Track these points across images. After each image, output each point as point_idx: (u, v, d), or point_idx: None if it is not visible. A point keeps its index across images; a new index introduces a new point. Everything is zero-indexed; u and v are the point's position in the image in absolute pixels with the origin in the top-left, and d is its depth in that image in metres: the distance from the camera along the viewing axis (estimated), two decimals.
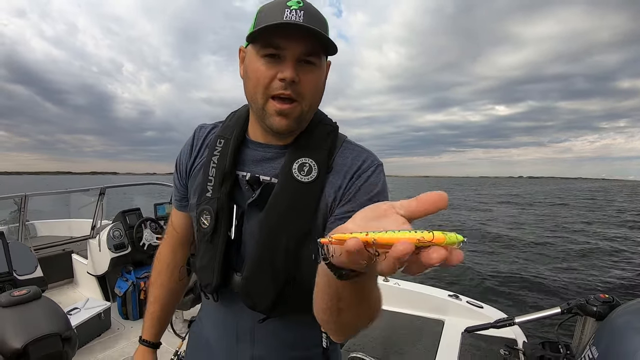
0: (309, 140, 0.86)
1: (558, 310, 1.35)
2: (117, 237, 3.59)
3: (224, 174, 0.87)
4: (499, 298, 5.52)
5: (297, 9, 0.73)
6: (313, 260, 0.73)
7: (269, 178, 0.85)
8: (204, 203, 0.88)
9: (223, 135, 0.91)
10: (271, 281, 0.82)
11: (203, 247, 0.90)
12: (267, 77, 0.75)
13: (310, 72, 0.77)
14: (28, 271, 2.85)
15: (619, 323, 0.97)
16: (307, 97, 0.78)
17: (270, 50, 0.74)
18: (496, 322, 1.54)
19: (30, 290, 2.31)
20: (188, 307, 3.01)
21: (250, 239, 0.86)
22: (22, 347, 1.93)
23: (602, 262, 7.45)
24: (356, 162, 0.85)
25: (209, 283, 0.89)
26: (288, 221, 0.81)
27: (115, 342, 3.05)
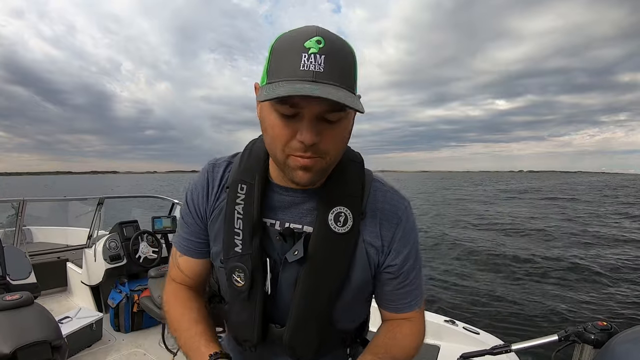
0: (341, 186, 0.83)
1: (555, 337, 1.33)
2: (113, 248, 3.58)
3: (253, 225, 0.81)
4: (496, 324, 5.48)
5: (317, 52, 0.62)
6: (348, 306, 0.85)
7: (301, 226, 0.83)
8: (235, 260, 0.83)
9: (244, 180, 0.84)
10: (314, 331, 0.84)
11: (238, 304, 0.88)
12: (285, 135, 0.68)
13: (332, 128, 0.69)
14: (22, 276, 2.83)
15: (617, 351, 0.96)
16: (330, 151, 0.71)
17: (287, 109, 0.66)
18: (492, 348, 1.52)
19: (22, 295, 2.30)
20: None
21: (287, 290, 0.84)
22: (10, 353, 1.91)
23: (603, 286, 7.41)
24: (388, 207, 0.85)
25: (248, 339, 0.88)
26: (328, 272, 0.81)
27: (106, 354, 3.01)
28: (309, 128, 0.65)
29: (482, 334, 2.32)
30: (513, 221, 17.99)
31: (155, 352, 3.10)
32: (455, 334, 2.31)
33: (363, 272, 0.83)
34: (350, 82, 0.66)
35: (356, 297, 0.87)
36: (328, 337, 0.88)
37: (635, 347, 0.94)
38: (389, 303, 0.91)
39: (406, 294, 0.88)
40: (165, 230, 3.97)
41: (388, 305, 0.91)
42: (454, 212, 22.42)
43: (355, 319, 0.96)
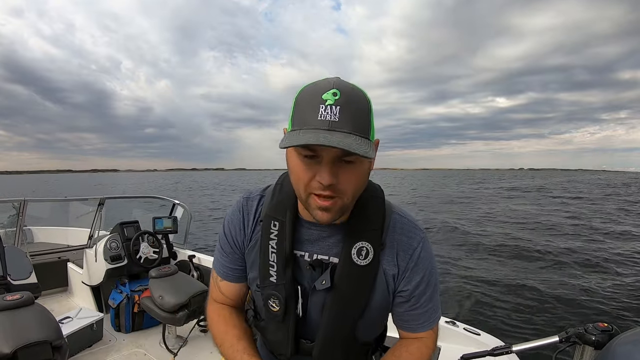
0: (363, 221, 0.93)
1: (556, 338, 1.33)
2: (114, 249, 3.58)
3: (286, 258, 0.93)
4: (497, 325, 5.47)
5: (333, 104, 0.71)
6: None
7: (328, 258, 0.95)
8: (270, 288, 0.95)
9: (276, 217, 0.95)
10: (340, 346, 0.97)
11: (274, 325, 1.01)
12: (306, 176, 0.78)
13: (350, 170, 0.78)
14: (22, 276, 2.83)
15: (618, 352, 0.96)
16: (348, 192, 0.80)
17: (307, 152, 0.75)
18: (493, 349, 1.52)
19: (23, 295, 2.30)
20: (181, 323, 2.99)
21: (316, 313, 0.96)
22: (11, 352, 1.91)
23: (604, 287, 7.39)
24: (405, 240, 0.95)
25: (283, 353, 1.02)
26: (352, 299, 0.92)
27: (106, 354, 3.01)
28: (327, 170, 0.75)
29: (482, 335, 2.31)
30: (515, 220, 17.95)
31: (155, 352, 3.10)
32: (456, 335, 2.31)
33: (382, 296, 0.95)
34: (363, 128, 0.74)
35: (377, 315, 0.98)
36: (352, 350, 1.01)
37: (636, 348, 0.94)
38: (402, 323, 1.02)
39: (418, 315, 0.99)
40: (166, 231, 3.98)
41: (401, 325, 1.03)
42: (456, 210, 22.39)
43: (375, 332, 1.08)
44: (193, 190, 47.31)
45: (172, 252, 4.10)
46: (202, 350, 3.18)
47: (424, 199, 30.40)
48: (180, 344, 3.07)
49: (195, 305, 2.98)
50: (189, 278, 3.39)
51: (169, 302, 2.90)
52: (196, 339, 3.36)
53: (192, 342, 3.29)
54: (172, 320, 2.96)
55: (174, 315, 2.92)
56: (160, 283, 3.07)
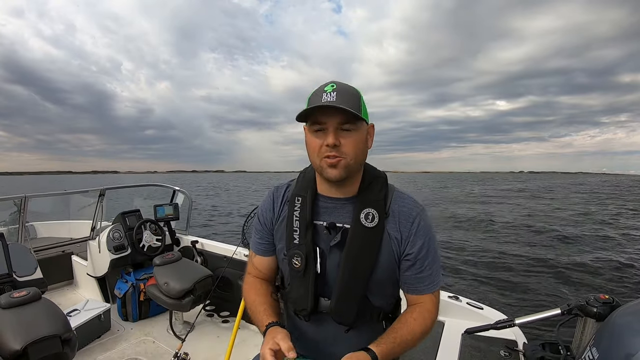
0: (369, 194, 1.14)
1: (558, 311, 1.34)
2: (116, 239, 3.59)
3: (307, 224, 1.15)
4: (499, 299, 5.52)
5: (331, 91, 1.02)
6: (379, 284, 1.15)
7: (342, 225, 1.14)
8: (294, 248, 1.15)
9: (300, 194, 1.19)
10: (353, 302, 1.13)
11: (296, 282, 1.18)
12: (318, 145, 1.05)
13: (349, 135, 1.04)
14: (28, 273, 2.84)
15: (620, 324, 0.97)
16: (349, 153, 1.04)
17: (316, 126, 1.05)
18: (496, 323, 1.53)
19: (30, 291, 2.32)
20: (188, 309, 3.01)
21: (332, 271, 1.14)
22: (21, 349, 1.93)
23: (605, 260, 7.44)
24: (405, 210, 1.14)
25: (304, 308, 1.17)
26: (362, 257, 1.10)
27: (115, 344, 3.05)
28: (331, 134, 1.02)
29: (485, 309, 2.33)
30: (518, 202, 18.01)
31: (164, 339, 3.14)
32: (460, 310, 2.33)
33: (388, 256, 1.12)
34: (355, 106, 1.02)
35: (385, 277, 1.14)
36: (365, 309, 1.15)
37: (637, 319, 0.94)
38: (410, 286, 1.16)
39: (422, 278, 1.14)
40: (167, 218, 3.98)
41: (409, 288, 1.16)
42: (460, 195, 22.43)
43: (387, 298, 1.21)
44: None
45: (174, 238, 4.11)
46: (210, 335, 3.22)
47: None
48: (188, 329, 3.10)
49: (200, 291, 3.01)
50: (193, 264, 3.41)
51: (175, 289, 2.92)
52: (203, 324, 3.39)
53: (199, 327, 3.33)
54: (178, 306, 2.98)
55: (180, 301, 2.94)
56: (164, 270, 3.09)
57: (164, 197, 4.59)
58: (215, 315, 3.54)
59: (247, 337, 3.09)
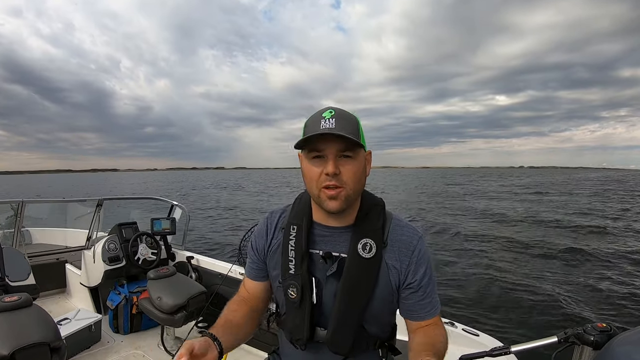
0: (366, 223, 1.14)
1: (555, 339, 1.33)
2: (112, 250, 3.57)
3: (302, 254, 1.13)
4: (495, 326, 5.47)
5: (330, 117, 1.00)
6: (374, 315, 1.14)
7: (338, 253, 1.13)
8: (289, 279, 1.14)
9: (295, 223, 1.18)
10: (349, 332, 1.11)
11: (292, 312, 1.16)
12: (316, 173, 1.03)
13: (348, 163, 1.03)
14: (20, 278, 2.83)
15: (617, 353, 0.96)
16: (349, 183, 1.03)
17: (315, 153, 1.02)
18: (492, 350, 1.52)
19: (21, 297, 2.30)
20: (180, 325, 2.98)
21: (328, 301, 1.13)
22: (9, 354, 1.91)
23: (603, 288, 7.40)
24: (405, 239, 1.14)
25: (300, 338, 1.15)
26: (358, 288, 1.09)
27: (105, 356, 3.01)
28: (331, 162, 1.00)
29: (481, 336, 2.31)
30: (512, 218, 17.94)
31: (154, 353, 3.10)
32: (455, 336, 2.31)
33: (386, 287, 1.11)
34: (354, 133, 1.01)
35: (382, 307, 1.14)
36: (361, 338, 1.14)
37: (634, 348, 0.94)
38: (413, 314, 1.16)
39: (426, 305, 1.15)
40: (164, 232, 3.97)
41: (412, 316, 1.17)
42: (454, 207, 22.38)
43: (383, 327, 1.21)
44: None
45: (170, 253, 4.09)
46: None
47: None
48: (179, 345, 3.06)
49: (193, 307, 2.98)
50: (188, 279, 3.39)
51: (168, 304, 2.89)
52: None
53: None
54: (170, 321, 2.95)
55: (172, 316, 2.91)
56: (158, 284, 3.07)
57: (161, 211, 4.59)
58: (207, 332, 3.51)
59: (238, 356, 3.05)
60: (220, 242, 12.14)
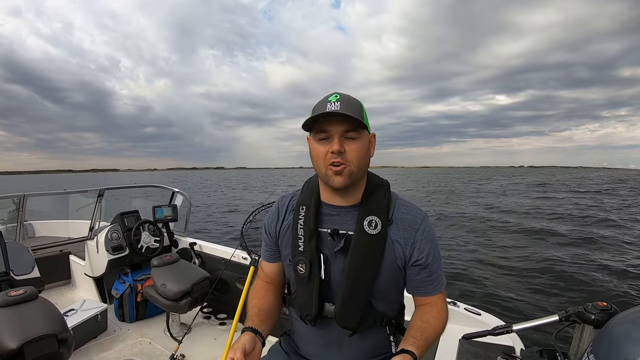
0: (372, 201, 1.18)
1: (556, 317, 1.34)
2: (115, 239, 3.58)
3: (311, 232, 1.19)
4: (497, 305, 5.50)
5: (335, 101, 1.07)
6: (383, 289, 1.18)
7: (345, 231, 1.18)
8: (299, 255, 1.19)
9: (304, 203, 1.24)
10: (357, 307, 1.16)
11: (301, 287, 1.22)
12: (323, 152, 1.09)
13: (352, 143, 1.08)
14: (25, 271, 2.84)
15: (617, 331, 0.97)
16: (353, 161, 1.09)
17: (321, 134, 1.09)
18: (494, 329, 1.53)
19: (27, 290, 2.31)
20: (185, 311, 3.01)
21: (336, 277, 1.18)
22: (17, 348, 1.93)
23: (604, 266, 7.42)
24: (409, 217, 1.18)
25: (309, 313, 1.20)
26: (365, 263, 1.13)
27: (112, 344, 3.04)
28: (336, 141, 1.07)
29: (483, 315, 2.33)
30: (516, 207, 17.99)
31: (160, 340, 3.13)
32: (457, 315, 2.33)
33: (392, 263, 1.15)
34: (358, 116, 1.06)
35: (388, 283, 1.18)
36: (368, 314, 1.19)
37: (634, 327, 0.94)
38: (420, 289, 1.21)
39: (432, 281, 1.19)
40: (166, 219, 3.97)
41: (419, 291, 1.22)
42: (460, 197, 22.41)
43: (390, 304, 1.25)
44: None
45: (173, 240, 4.10)
46: (206, 337, 3.21)
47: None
48: (185, 331, 3.09)
49: (198, 292, 3.00)
50: (191, 265, 3.41)
51: (172, 290, 2.91)
52: (200, 326, 3.39)
53: (196, 328, 3.32)
54: (175, 308, 2.97)
55: (177, 302, 2.94)
56: (162, 271, 3.09)
57: (163, 198, 4.59)
58: (212, 317, 3.53)
59: None
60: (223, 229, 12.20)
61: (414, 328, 1.15)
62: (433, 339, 1.15)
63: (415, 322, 1.17)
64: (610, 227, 12.21)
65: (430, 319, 1.17)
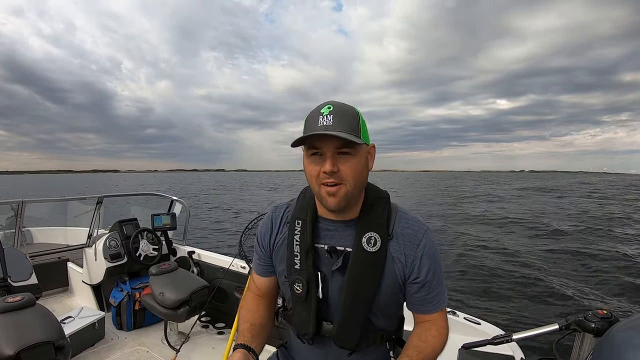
0: (371, 216, 1.12)
1: (556, 326, 1.34)
2: (113, 247, 3.57)
3: (307, 248, 1.13)
4: (497, 314, 5.49)
5: (328, 114, 1.00)
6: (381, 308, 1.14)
7: (343, 248, 1.13)
8: (295, 274, 1.15)
9: (299, 217, 1.18)
10: (356, 326, 1.12)
11: (299, 306, 1.18)
12: (315, 170, 1.03)
13: (347, 160, 1.01)
14: (23, 278, 2.83)
15: (618, 339, 0.97)
16: (349, 180, 1.02)
17: (313, 151, 1.03)
18: (493, 338, 1.53)
19: (24, 297, 2.30)
20: (183, 319, 2.99)
21: (334, 296, 1.14)
22: (14, 354, 1.92)
23: (604, 275, 7.42)
24: (410, 232, 1.12)
25: (306, 333, 1.17)
26: (364, 281, 1.09)
27: (109, 353, 3.02)
28: (329, 160, 1.00)
29: (483, 324, 2.33)
30: (515, 215, 18.00)
31: (158, 349, 3.11)
32: (457, 325, 2.32)
33: (392, 280, 1.11)
34: (353, 129, 1.00)
35: (388, 300, 1.13)
36: (368, 332, 1.15)
37: (635, 335, 0.94)
38: (419, 307, 1.16)
39: (432, 299, 1.14)
40: (165, 228, 3.97)
41: (418, 309, 1.17)
42: (458, 207, 22.42)
43: (390, 319, 1.21)
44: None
45: (171, 248, 4.09)
46: (204, 346, 3.19)
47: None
48: (183, 340, 3.07)
49: (196, 301, 2.99)
50: (189, 274, 3.40)
51: (170, 299, 2.90)
52: (198, 335, 3.37)
53: (194, 337, 3.30)
54: (173, 316, 2.96)
55: (175, 311, 2.92)
56: (160, 280, 3.08)
57: (162, 206, 4.58)
58: (210, 326, 3.52)
59: None
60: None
61: (410, 347, 1.12)
62: (431, 358, 1.12)
63: (413, 340, 1.15)
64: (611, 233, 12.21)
65: (428, 338, 1.14)
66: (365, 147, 1.06)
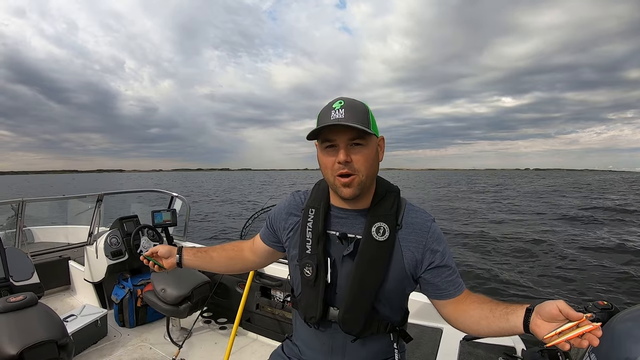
0: (381, 208, 1.17)
1: None
2: (114, 244, 3.57)
3: (319, 235, 1.19)
4: None
5: (340, 108, 1.06)
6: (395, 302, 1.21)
7: (354, 235, 1.18)
8: (306, 258, 1.20)
9: (313, 206, 1.24)
10: (361, 312, 1.15)
11: (307, 290, 1.23)
12: (330, 162, 1.09)
13: (359, 151, 1.07)
14: (24, 277, 2.83)
15: (618, 330, 0.97)
16: (361, 169, 1.08)
17: (327, 143, 1.09)
18: None
19: (26, 296, 2.31)
20: (185, 315, 3.00)
21: (342, 281, 1.18)
22: (17, 354, 1.92)
23: (604, 266, 7.44)
24: (418, 222, 1.17)
25: (313, 316, 1.21)
26: (371, 269, 1.13)
27: (112, 350, 3.03)
28: (342, 151, 1.06)
29: None
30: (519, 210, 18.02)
31: (161, 345, 3.12)
32: None
33: (399, 269, 1.14)
34: (363, 122, 1.06)
35: (394, 288, 1.17)
36: (372, 319, 1.18)
37: (636, 325, 0.95)
38: (444, 291, 1.16)
39: (454, 280, 1.16)
40: (165, 224, 3.96)
41: (443, 294, 1.16)
42: (465, 203, 22.47)
43: (395, 309, 1.24)
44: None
45: (172, 244, 4.10)
46: (207, 341, 3.20)
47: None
48: (185, 335, 3.08)
49: (198, 297, 3.00)
50: (191, 270, 3.40)
51: (172, 295, 2.91)
52: (200, 330, 3.38)
53: (197, 333, 3.31)
54: (175, 312, 2.97)
55: (177, 307, 2.93)
56: (162, 276, 3.08)
57: (162, 203, 4.58)
58: (212, 321, 3.53)
59: (244, 344, 3.07)
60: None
61: (496, 302, 1.07)
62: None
63: (476, 300, 1.12)
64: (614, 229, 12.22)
65: (480, 296, 1.14)
66: (375, 139, 1.12)
